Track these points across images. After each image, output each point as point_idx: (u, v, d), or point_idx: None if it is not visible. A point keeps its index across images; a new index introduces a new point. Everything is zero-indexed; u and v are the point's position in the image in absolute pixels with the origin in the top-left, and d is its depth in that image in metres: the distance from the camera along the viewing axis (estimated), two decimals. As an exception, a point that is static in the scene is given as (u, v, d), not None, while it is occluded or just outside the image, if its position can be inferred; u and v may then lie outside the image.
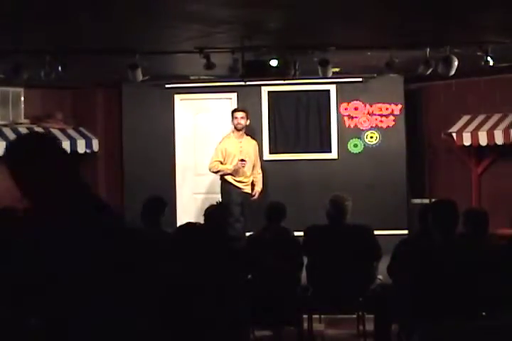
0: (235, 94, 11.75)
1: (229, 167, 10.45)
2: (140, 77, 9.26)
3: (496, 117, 11.33)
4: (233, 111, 10.74)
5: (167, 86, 11.72)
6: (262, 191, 10.65)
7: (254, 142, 10.87)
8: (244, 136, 10.73)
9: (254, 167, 10.63)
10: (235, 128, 10.62)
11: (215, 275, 4.52)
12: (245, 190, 10.50)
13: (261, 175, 10.77)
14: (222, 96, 11.82)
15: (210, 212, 6.98)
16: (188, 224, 5.39)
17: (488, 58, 9.14)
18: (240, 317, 4.62)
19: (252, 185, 10.61)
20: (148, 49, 8.93)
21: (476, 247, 5.82)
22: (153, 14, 7.39)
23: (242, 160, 10.35)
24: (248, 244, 7.53)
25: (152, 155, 11.55)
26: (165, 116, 11.79)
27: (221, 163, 10.48)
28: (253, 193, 10.54)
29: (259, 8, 7.26)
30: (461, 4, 7.25)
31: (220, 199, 10.44)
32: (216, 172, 10.53)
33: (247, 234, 8.13)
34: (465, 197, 11.14)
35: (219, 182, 10.62)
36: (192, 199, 11.77)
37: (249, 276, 6.65)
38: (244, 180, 10.50)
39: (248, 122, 10.68)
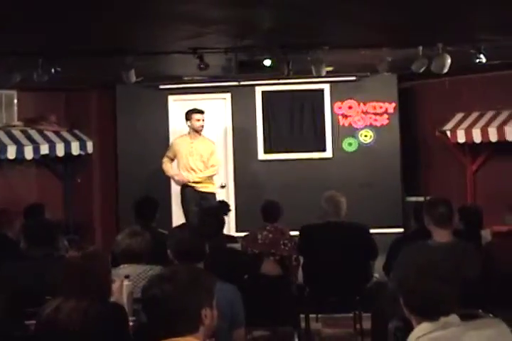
0: (229, 95, 11.75)
1: (170, 172, 10.52)
2: (134, 78, 9.24)
3: (489, 114, 11.34)
4: (192, 113, 10.44)
5: (161, 87, 11.70)
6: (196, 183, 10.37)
7: (210, 143, 10.60)
8: (199, 137, 10.50)
9: (206, 168, 10.40)
10: (196, 130, 10.41)
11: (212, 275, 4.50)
12: (200, 189, 10.29)
13: (211, 172, 10.44)
14: (216, 97, 11.81)
15: (208, 211, 6.98)
16: (184, 224, 5.40)
17: (481, 55, 9.15)
18: (238, 317, 4.61)
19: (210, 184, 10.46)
20: (142, 50, 8.91)
21: (472, 245, 5.82)
22: (146, 15, 7.38)
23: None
24: (244, 243, 7.53)
25: (147, 156, 11.53)
26: (159, 117, 11.78)
27: (171, 160, 10.55)
28: (189, 179, 10.29)
29: (251, 8, 7.26)
30: (454, 2, 7.25)
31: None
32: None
33: (243, 233, 8.10)
34: (460, 195, 11.15)
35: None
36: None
37: (246, 276, 6.64)
38: (197, 180, 10.30)
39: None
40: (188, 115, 10.43)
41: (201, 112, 10.42)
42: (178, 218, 11.20)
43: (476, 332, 3.06)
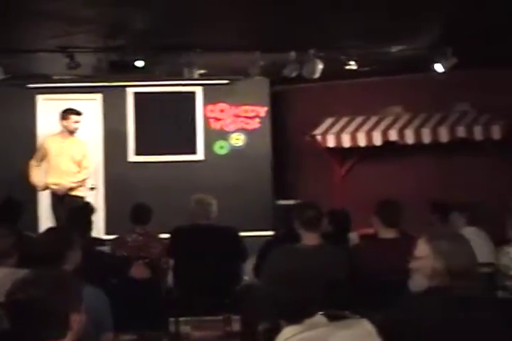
0: (100, 95, 11.58)
1: (35, 179, 10.10)
2: (1, 75, 9.00)
3: (359, 120, 11.59)
4: (70, 113, 10.06)
5: (29, 85, 11.42)
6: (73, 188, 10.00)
7: (82, 144, 10.28)
8: (71, 137, 10.14)
9: (80, 169, 10.08)
10: (70, 131, 10.07)
11: (79, 278, 4.40)
12: (70, 193, 9.94)
13: (84, 176, 10.11)
14: (87, 97, 11.61)
15: (74, 213, 6.85)
16: (52, 228, 5.28)
17: (352, 62, 9.35)
18: (105, 321, 4.53)
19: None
20: (9, 47, 8.69)
21: (340, 248, 5.92)
22: (14, 12, 7.20)
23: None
24: (113, 247, 7.43)
25: (13, 156, 11.19)
26: (26, 117, 11.47)
27: (40, 161, 10.10)
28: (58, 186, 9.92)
29: (123, 8, 7.19)
30: (325, 8, 7.36)
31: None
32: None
33: (113, 236, 7.99)
34: (329, 198, 11.33)
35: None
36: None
37: (114, 279, 6.55)
38: (73, 185, 9.95)
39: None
40: (65, 115, 10.09)
41: (79, 114, 10.14)
42: (45, 221, 10.95)
43: (342, 332, 3.10)
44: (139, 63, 8.93)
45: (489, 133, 10.51)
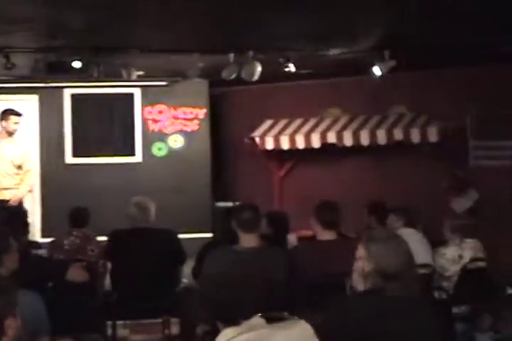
0: (37, 96, 11.43)
1: None
2: None
3: (297, 122, 11.63)
4: (10, 114, 9.78)
5: (-37, 86, 11.23)
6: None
7: (21, 145, 10.00)
8: (9, 137, 9.86)
9: (22, 172, 9.77)
10: (9, 133, 9.78)
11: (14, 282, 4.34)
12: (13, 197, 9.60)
13: (29, 180, 9.86)
14: (23, 98, 11.45)
15: (9, 216, 6.75)
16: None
17: (290, 64, 9.38)
18: (41, 325, 4.47)
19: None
20: None
21: (278, 249, 5.94)
22: None
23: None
24: (50, 250, 7.35)
25: None
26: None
27: None
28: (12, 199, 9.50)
29: (60, 8, 7.10)
30: (265, 10, 7.38)
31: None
32: None
33: (50, 239, 7.90)
34: (268, 200, 11.36)
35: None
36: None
37: (51, 283, 6.47)
38: (25, 193, 9.73)
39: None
40: (5, 115, 9.85)
41: (19, 115, 9.93)
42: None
43: (281, 333, 3.10)
44: (77, 64, 8.84)
45: (426, 135, 10.63)
